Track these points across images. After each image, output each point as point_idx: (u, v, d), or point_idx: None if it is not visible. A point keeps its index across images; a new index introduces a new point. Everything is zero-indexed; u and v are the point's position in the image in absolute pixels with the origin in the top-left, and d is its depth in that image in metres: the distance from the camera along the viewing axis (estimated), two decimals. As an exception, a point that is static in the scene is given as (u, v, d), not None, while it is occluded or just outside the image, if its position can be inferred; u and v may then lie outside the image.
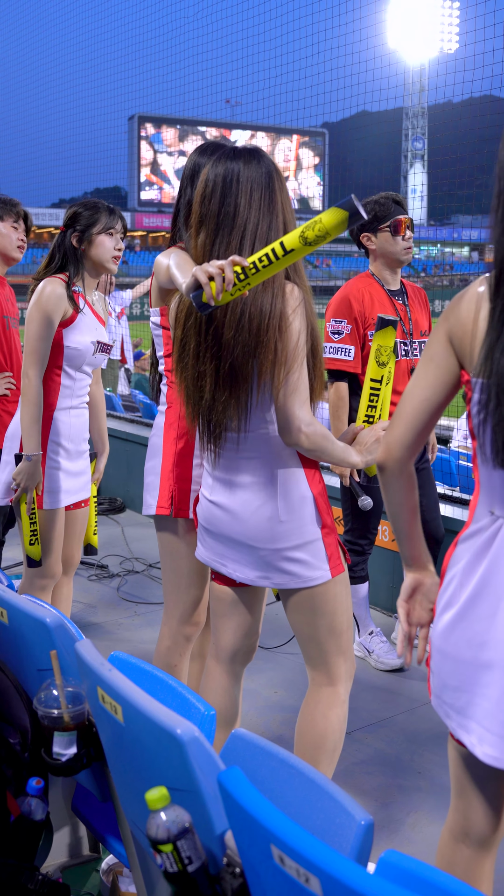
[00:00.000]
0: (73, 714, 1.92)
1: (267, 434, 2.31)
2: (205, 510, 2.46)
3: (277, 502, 2.31)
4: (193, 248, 2.32)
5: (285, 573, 2.35)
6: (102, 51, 47.95)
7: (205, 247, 2.26)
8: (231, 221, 2.23)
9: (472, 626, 1.66)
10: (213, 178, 2.27)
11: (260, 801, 1.21)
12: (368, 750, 3.33)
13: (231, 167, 2.26)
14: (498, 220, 1.59)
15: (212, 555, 2.48)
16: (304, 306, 2.25)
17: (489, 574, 1.64)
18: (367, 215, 3.83)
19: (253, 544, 2.34)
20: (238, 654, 2.58)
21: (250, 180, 2.25)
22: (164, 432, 2.77)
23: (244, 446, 2.33)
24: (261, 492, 2.32)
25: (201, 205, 2.29)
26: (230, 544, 2.40)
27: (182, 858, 1.37)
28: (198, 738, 1.41)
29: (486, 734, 1.63)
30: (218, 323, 2.21)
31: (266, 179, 2.26)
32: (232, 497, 2.36)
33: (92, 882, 2.46)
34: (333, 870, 1.05)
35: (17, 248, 3.92)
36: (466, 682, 1.67)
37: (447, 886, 1.11)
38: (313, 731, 2.46)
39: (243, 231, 2.23)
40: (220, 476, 2.40)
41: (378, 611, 4.67)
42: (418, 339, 3.88)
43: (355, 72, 16.90)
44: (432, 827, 2.85)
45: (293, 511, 2.32)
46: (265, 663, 4.01)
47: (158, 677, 1.87)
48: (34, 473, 3.18)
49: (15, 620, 2.12)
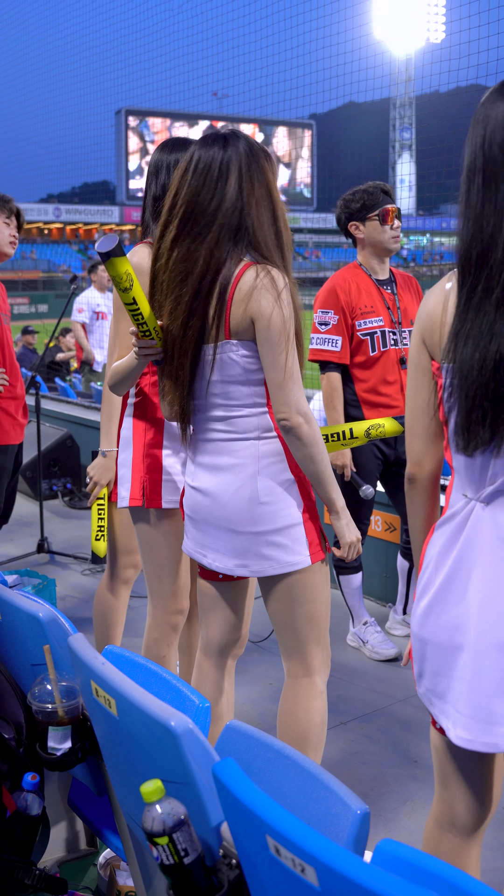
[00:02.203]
0: (67, 708, 1.92)
1: (251, 416, 2.31)
2: (188, 498, 2.45)
3: (258, 483, 2.30)
4: (156, 246, 2.31)
5: (264, 559, 2.33)
6: (88, 45, 47.78)
7: (174, 242, 2.25)
8: (211, 215, 2.22)
9: (447, 609, 1.67)
10: (193, 166, 2.25)
11: (255, 792, 1.21)
12: (364, 739, 3.34)
13: (214, 153, 2.24)
14: (461, 212, 1.60)
15: (194, 545, 2.46)
16: (289, 291, 2.24)
17: (461, 557, 1.66)
18: (356, 204, 3.86)
19: (232, 528, 2.33)
20: (227, 648, 2.58)
21: (237, 165, 2.22)
22: (134, 424, 2.77)
23: (227, 429, 2.32)
24: (241, 472, 2.31)
25: (173, 197, 2.27)
26: (210, 531, 2.38)
27: (178, 851, 1.37)
28: (192, 731, 1.41)
29: (458, 717, 1.64)
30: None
31: (253, 162, 2.24)
32: (213, 480, 2.35)
33: (89, 876, 2.46)
34: (329, 859, 1.05)
35: (9, 244, 3.94)
36: (444, 667, 1.68)
37: (444, 874, 1.11)
38: (296, 727, 2.45)
39: (222, 224, 2.21)
40: (202, 461, 2.38)
41: (372, 601, 4.68)
42: (408, 327, 3.88)
43: (342, 62, 16.87)
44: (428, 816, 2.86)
45: (273, 493, 2.30)
46: (259, 655, 4.01)
47: (152, 670, 1.86)
48: (109, 469, 3.17)
49: (8, 615, 2.12)
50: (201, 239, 2.22)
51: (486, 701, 1.59)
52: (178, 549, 2.75)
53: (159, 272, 2.30)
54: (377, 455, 3.91)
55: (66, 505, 6.75)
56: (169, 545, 2.75)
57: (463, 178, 1.60)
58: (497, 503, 1.62)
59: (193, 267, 2.23)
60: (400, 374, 3.84)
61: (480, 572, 1.62)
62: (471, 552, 1.64)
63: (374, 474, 3.93)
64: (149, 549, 2.80)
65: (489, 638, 1.59)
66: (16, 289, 41.85)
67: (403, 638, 4.21)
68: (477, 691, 1.60)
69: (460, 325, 1.58)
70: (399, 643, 4.12)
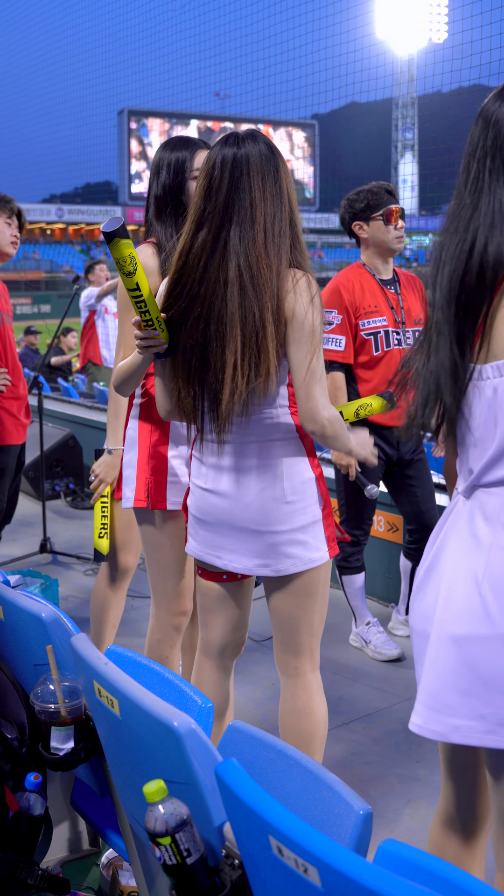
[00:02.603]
0: (69, 708, 1.92)
1: (272, 417, 2.30)
2: (198, 500, 2.42)
3: (283, 483, 2.30)
4: (185, 244, 2.25)
5: (287, 557, 2.33)
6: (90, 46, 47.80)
7: (206, 244, 2.21)
8: (242, 214, 2.19)
9: (424, 598, 1.70)
10: (216, 167, 2.22)
11: (257, 793, 1.21)
12: (366, 740, 3.34)
13: (235, 154, 2.21)
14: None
15: (204, 547, 2.43)
16: (319, 295, 2.25)
17: (440, 548, 1.69)
18: (360, 204, 3.86)
19: (256, 528, 2.32)
20: (227, 649, 2.57)
21: (258, 167, 2.21)
22: (139, 425, 2.77)
23: (249, 430, 2.30)
24: (266, 473, 2.30)
25: (204, 199, 2.23)
26: (227, 532, 2.37)
27: (181, 851, 1.37)
28: (195, 731, 1.41)
29: (417, 703, 1.66)
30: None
31: (272, 164, 2.23)
32: (233, 482, 2.33)
33: (92, 876, 2.46)
34: (332, 860, 1.05)
35: (10, 244, 3.95)
36: (419, 655, 1.72)
37: (446, 875, 1.11)
38: (303, 726, 2.45)
39: (253, 222, 2.19)
40: (217, 463, 2.35)
41: (374, 601, 4.68)
42: (411, 327, 3.88)
43: (344, 63, 16.87)
44: (431, 816, 2.85)
45: (298, 492, 2.32)
46: (262, 655, 4.01)
47: (155, 670, 1.86)
48: (115, 467, 3.16)
49: (10, 615, 2.12)
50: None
51: (438, 690, 1.62)
52: (183, 550, 2.74)
53: (188, 267, 2.25)
54: (380, 455, 3.90)
55: (69, 505, 6.75)
56: (173, 546, 2.75)
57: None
58: (474, 497, 1.64)
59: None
60: (403, 373, 3.83)
61: (449, 564, 1.65)
62: (446, 544, 1.68)
63: (377, 474, 3.93)
64: (153, 551, 2.79)
65: (445, 629, 1.61)
66: (18, 289, 41.87)
67: (406, 638, 4.21)
68: (431, 680, 1.63)
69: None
70: (402, 643, 4.12)
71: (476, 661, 1.55)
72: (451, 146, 19.84)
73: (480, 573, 1.56)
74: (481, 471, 1.60)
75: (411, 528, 4.08)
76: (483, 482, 1.61)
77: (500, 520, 1.57)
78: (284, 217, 2.23)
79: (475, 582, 1.56)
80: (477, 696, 1.55)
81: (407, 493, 4.01)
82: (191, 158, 2.69)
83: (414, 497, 4.00)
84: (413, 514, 4.02)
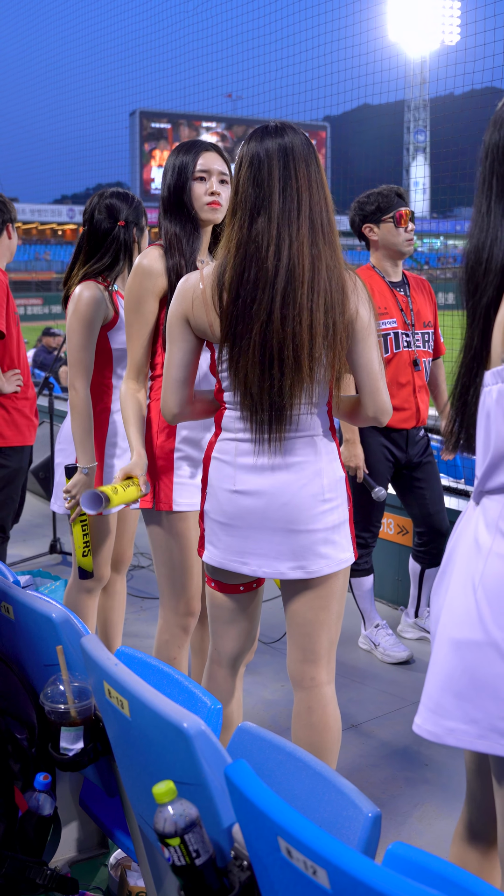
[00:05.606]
0: (79, 709, 1.93)
1: (315, 412, 2.28)
2: (223, 504, 2.31)
3: (322, 480, 2.27)
4: (241, 235, 2.20)
5: (321, 557, 2.27)
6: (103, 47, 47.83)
7: (264, 235, 2.16)
8: (296, 203, 2.17)
9: (436, 601, 1.72)
10: (262, 158, 2.18)
11: (267, 794, 1.21)
12: (375, 742, 3.34)
13: (281, 144, 2.18)
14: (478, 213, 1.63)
15: (228, 554, 2.32)
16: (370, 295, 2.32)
17: (451, 552, 1.70)
18: (371, 207, 3.86)
19: (292, 527, 2.25)
20: (241, 657, 2.54)
21: (302, 156, 2.19)
22: (148, 427, 2.77)
23: (298, 425, 2.26)
24: (306, 470, 2.26)
25: (255, 188, 2.18)
26: (258, 536, 2.28)
27: (190, 852, 1.37)
28: (204, 732, 1.41)
29: (419, 705, 1.67)
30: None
31: (312, 153, 2.23)
32: (271, 481, 2.26)
33: (100, 876, 2.47)
34: (341, 862, 1.05)
35: None
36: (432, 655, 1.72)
37: (455, 878, 1.11)
38: (315, 744, 2.37)
39: (299, 211, 2.17)
40: (254, 463, 2.27)
41: (383, 603, 4.67)
42: (421, 329, 3.88)
43: (356, 65, 16.86)
44: (440, 819, 2.85)
45: (333, 489, 2.30)
46: (272, 656, 4.01)
47: (164, 671, 1.87)
48: (90, 486, 3.14)
49: (21, 616, 2.13)
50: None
51: (436, 692, 1.62)
52: (190, 551, 2.74)
53: (248, 257, 2.20)
54: (388, 458, 3.91)
55: (79, 506, 6.75)
56: (181, 548, 2.75)
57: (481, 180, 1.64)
58: (482, 503, 1.64)
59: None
60: (413, 375, 3.84)
61: (455, 568, 1.66)
62: (456, 549, 1.68)
63: (386, 477, 3.93)
64: (160, 552, 2.79)
65: (445, 633, 1.62)
66: (29, 289, 41.96)
67: (415, 641, 4.21)
68: (431, 682, 1.64)
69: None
70: (411, 646, 4.12)
71: (470, 666, 1.56)
72: (463, 149, 19.82)
73: (477, 579, 1.57)
74: (483, 476, 1.61)
75: (420, 530, 4.07)
76: (487, 488, 1.61)
77: (498, 527, 1.57)
78: (329, 207, 2.24)
79: (472, 587, 1.57)
80: (470, 700, 1.55)
81: (416, 496, 4.02)
82: (193, 160, 2.70)
83: (423, 499, 4.00)
84: (422, 516, 4.02)
